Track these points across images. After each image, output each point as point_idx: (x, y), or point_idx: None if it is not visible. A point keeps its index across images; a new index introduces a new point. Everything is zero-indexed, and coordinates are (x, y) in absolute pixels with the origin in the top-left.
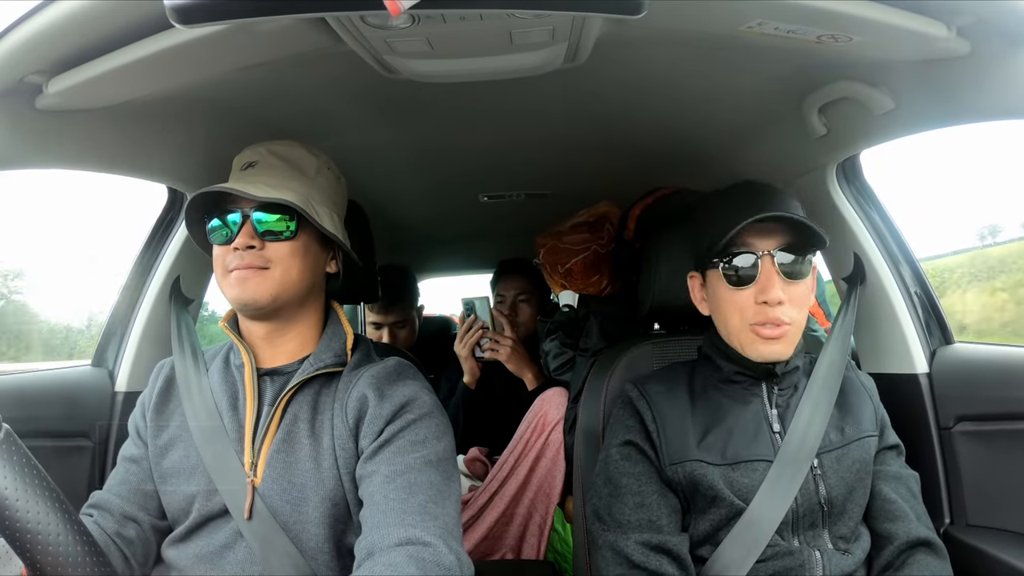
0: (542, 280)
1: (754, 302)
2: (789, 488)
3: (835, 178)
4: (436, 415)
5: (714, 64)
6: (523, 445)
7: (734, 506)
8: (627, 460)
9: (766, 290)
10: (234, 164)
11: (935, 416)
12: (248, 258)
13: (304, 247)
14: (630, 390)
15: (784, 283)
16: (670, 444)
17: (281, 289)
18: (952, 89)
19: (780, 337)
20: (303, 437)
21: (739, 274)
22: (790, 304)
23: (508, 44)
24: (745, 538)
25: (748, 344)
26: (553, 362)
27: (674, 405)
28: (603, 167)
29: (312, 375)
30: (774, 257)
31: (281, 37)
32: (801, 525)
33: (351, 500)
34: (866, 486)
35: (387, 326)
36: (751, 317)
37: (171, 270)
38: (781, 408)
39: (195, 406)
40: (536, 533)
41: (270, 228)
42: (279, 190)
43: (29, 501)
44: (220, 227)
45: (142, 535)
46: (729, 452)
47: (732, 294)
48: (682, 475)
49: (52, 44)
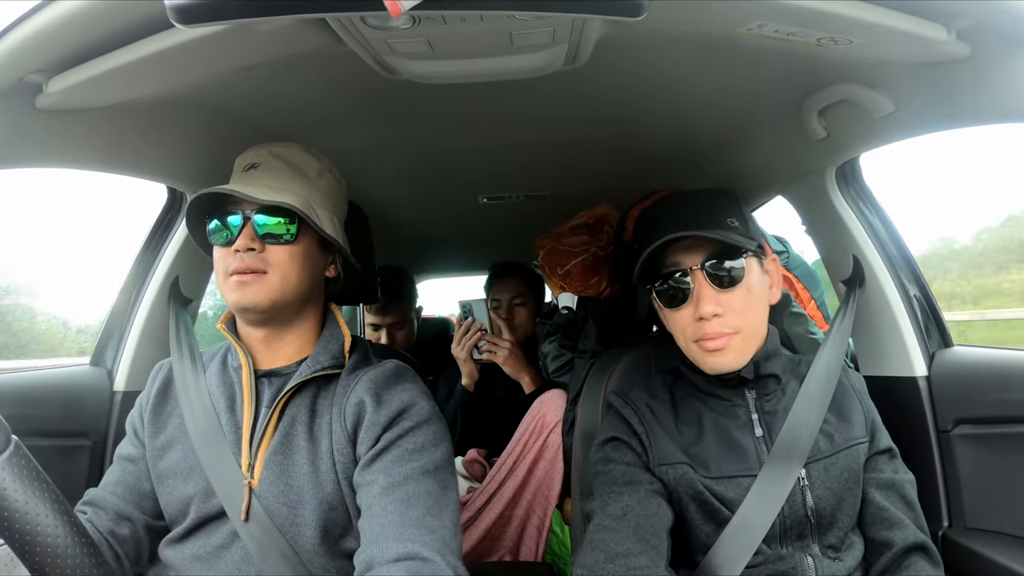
0: (538, 282)
1: (692, 319)
2: (781, 489)
3: (834, 181)
4: (434, 421)
5: (714, 66)
6: (522, 447)
7: (719, 514)
8: (616, 451)
9: (698, 306)
10: (236, 165)
11: (934, 419)
12: (248, 260)
13: (304, 251)
14: (614, 400)
15: (719, 293)
16: (659, 447)
17: (280, 294)
18: (952, 92)
19: (723, 348)
20: (301, 440)
21: (672, 295)
22: (730, 313)
23: (508, 45)
24: (735, 542)
25: (699, 358)
26: (552, 364)
27: (659, 411)
28: (603, 169)
29: (309, 377)
30: (704, 271)
31: (281, 37)
32: (789, 536)
33: (349, 504)
34: (856, 495)
35: (385, 327)
36: (692, 334)
37: (170, 270)
38: (768, 415)
39: (193, 407)
40: (534, 535)
41: (271, 231)
42: (281, 193)
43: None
44: (221, 228)
45: (135, 534)
46: (713, 466)
47: (673, 314)
48: (671, 476)
49: (52, 43)
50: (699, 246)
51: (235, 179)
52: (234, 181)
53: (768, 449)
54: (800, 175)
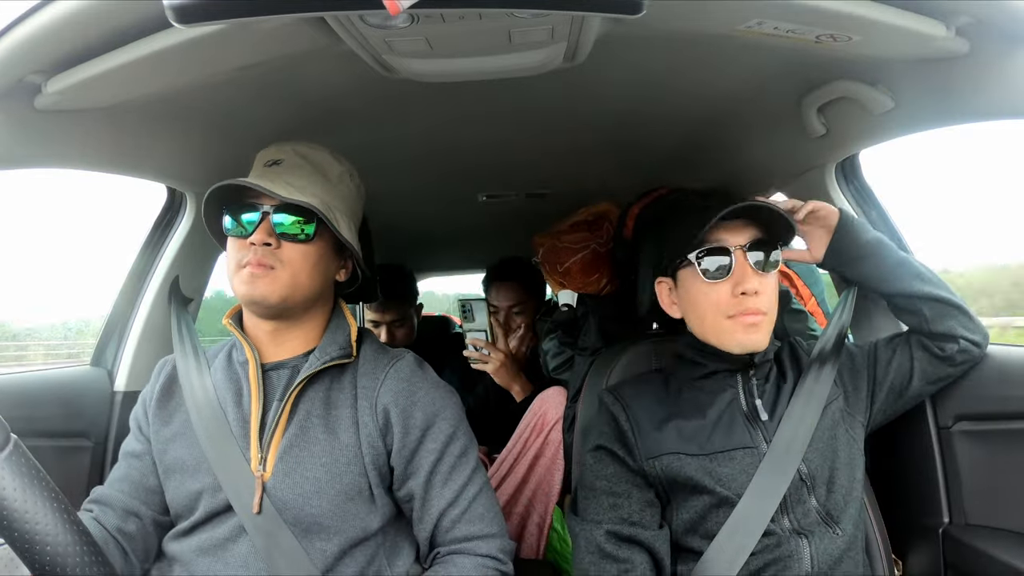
0: (537, 284)
1: (731, 295)
2: (781, 481)
3: (834, 177)
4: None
5: (713, 63)
6: (522, 444)
7: (716, 494)
8: (599, 463)
9: (742, 281)
10: (257, 159)
11: (934, 415)
12: (262, 254)
13: (318, 252)
14: (604, 396)
15: (756, 275)
16: (645, 441)
17: (290, 291)
18: (951, 89)
19: (759, 324)
20: (318, 432)
21: (715, 267)
22: (765, 295)
23: (507, 44)
24: (737, 533)
25: (728, 335)
26: (552, 361)
27: (648, 404)
28: (602, 166)
29: (320, 368)
30: (746, 252)
31: (279, 36)
32: (789, 503)
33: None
34: (850, 450)
35: (385, 324)
36: (729, 309)
37: (170, 270)
38: (761, 398)
39: (198, 402)
40: (535, 532)
41: (287, 229)
42: (302, 192)
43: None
44: (239, 221)
45: (143, 530)
46: (707, 444)
47: (708, 288)
48: (659, 468)
49: (51, 44)
50: (743, 230)
51: (257, 173)
52: (256, 175)
53: (760, 429)
54: (800, 172)
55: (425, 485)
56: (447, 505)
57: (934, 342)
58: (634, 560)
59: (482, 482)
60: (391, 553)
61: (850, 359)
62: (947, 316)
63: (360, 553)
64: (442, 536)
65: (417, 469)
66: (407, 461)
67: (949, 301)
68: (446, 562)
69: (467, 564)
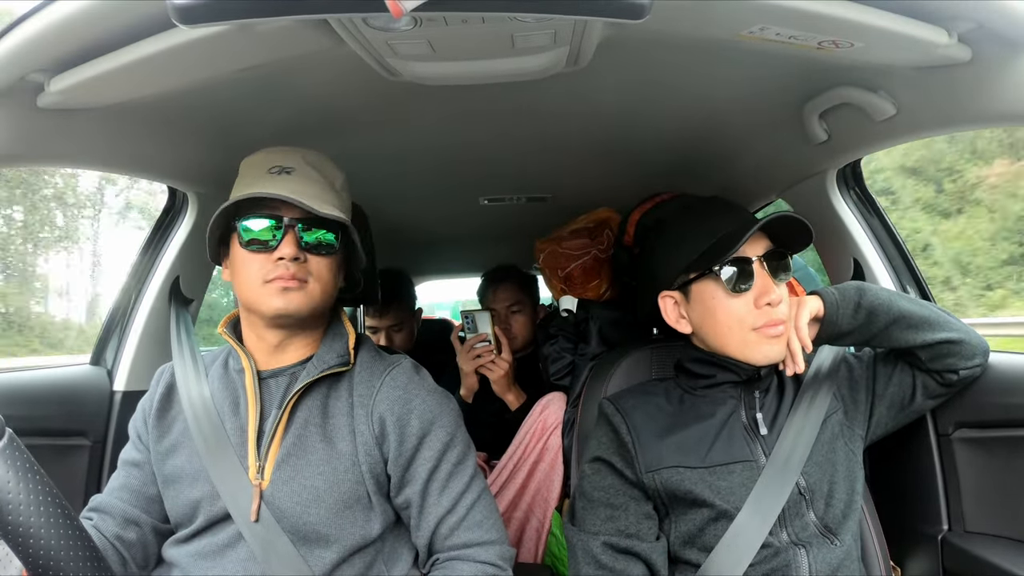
0: (531, 283)
1: (754, 306)
2: (779, 495)
3: (836, 184)
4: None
5: (715, 69)
6: (523, 450)
7: (715, 507)
8: (597, 475)
9: (767, 292)
10: (257, 162)
11: (934, 422)
12: (293, 269)
13: (338, 263)
14: (605, 406)
15: (775, 284)
16: (646, 453)
17: (320, 303)
18: (953, 95)
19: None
20: (315, 441)
21: (740, 279)
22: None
23: (510, 47)
24: (735, 546)
25: (754, 347)
26: (552, 367)
27: (649, 415)
28: (603, 171)
29: (318, 377)
30: (765, 262)
31: (283, 38)
32: (787, 517)
33: (375, 501)
34: (848, 462)
35: (383, 329)
36: (754, 321)
37: (171, 270)
38: (767, 412)
39: (196, 412)
40: (534, 537)
41: (315, 242)
42: (323, 203)
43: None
44: (259, 233)
45: (143, 538)
46: (707, 456)
47: (731, 300)
48: (659, 482)
49: (54, 43)
50: (758, 240)
51: (265, 181)
52: (269, 184)
53: (759, 443)
54: (801, 177)
55: (422, 493)
56: (445, 513)
57: (933, 375)
58: (630, 572)
59: (480, 488)
60: (390, 559)
61: (849, 372)
62: (945, 356)
63: (359, 560)
64: (440, 543)
65: (414, 477)
66: (404, 469)
67: (945, 340)
68: (445, 567)
69: (466, 570)
